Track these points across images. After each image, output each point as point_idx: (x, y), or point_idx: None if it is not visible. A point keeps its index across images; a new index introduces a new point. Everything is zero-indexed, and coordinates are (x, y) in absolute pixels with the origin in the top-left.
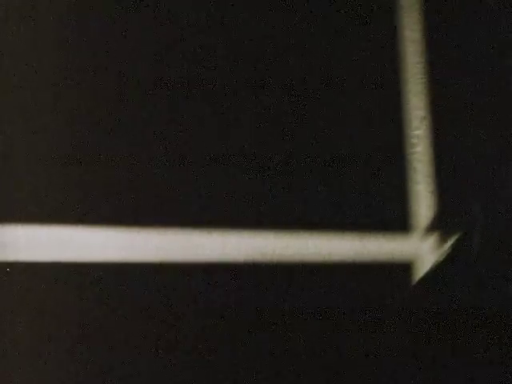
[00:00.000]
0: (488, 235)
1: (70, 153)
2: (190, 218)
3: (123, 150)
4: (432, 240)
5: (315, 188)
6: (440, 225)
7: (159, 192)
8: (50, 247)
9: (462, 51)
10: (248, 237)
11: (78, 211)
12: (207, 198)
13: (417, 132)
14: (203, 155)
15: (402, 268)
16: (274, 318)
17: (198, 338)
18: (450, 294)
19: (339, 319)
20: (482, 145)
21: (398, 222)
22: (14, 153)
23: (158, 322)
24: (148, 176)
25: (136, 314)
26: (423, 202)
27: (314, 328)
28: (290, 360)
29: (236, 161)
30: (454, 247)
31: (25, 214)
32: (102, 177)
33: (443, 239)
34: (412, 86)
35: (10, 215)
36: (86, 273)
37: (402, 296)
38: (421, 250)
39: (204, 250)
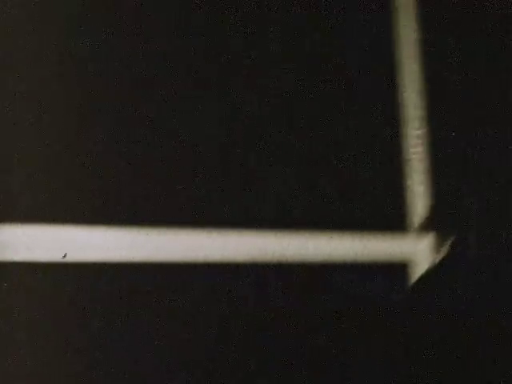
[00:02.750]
0: (485, 235)
1: (70, 153)
2: (190, 218)
3: (123, 150)
4: (430, 239)
5: (315, 188)
6: (437, 224)
7: (159, 192)
8: (50, 247)
9: (460, 50)
10: (248, 237)
11: (78, 211)
12: (207, 198)
13: (416, 132)
14: (203, 155)
15: (402, 268)
16: (274, 317)
17: (198, 337)
18: (448, 293)
19: (339, 319)
20: (481, 144)
21: (397, 221)
22: (14, 153)
23: (158, 321)
24: (148, 176)
25: (136, 314)
26: (421, 202)
27: (314, 328)
28: (290, 360)
29: (236, 161)
30: (451, 247)
31: (25, 214)
32: (102, 177)
33: (441, 238)
34: (411, 86)
35: (10, 215)
36: (85, 273)
37: (402, 296)
38: (421, 250)
39: (204, 250)
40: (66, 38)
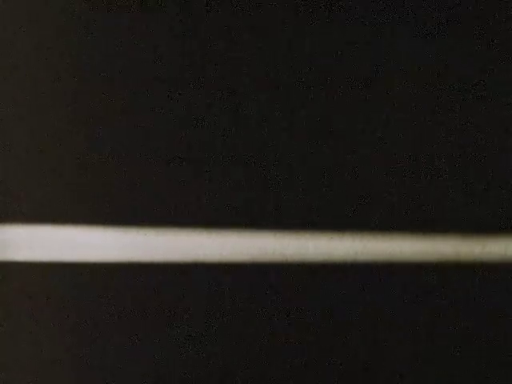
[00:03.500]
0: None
1: (69, 152)
2: (189, 218)
3: (123, 150)
4: (432, 240)
5: (316, 188)
6: (439, 225)
7: (159, 192)
8: (50, 247)
9: None
10: (248, 237)
11: (78, 211)
12: (207, 198)
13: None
14: (203, 155)
15: (404, 268)
16: (274, 318)
17: (198, 338)
18: (453, 295)
19: (339, 320)
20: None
21: (399, 221)
22: (14, 153)
23: (157, 322)
24: (148, 176)
25: (136, 314)
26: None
27: (315, 328)
28: (290, 360)
29: (236, 161)
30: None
31: (25, 214)
32: (101, 176)
33: (444, 239)
34: None
35: (10, 215)
36: (85, 273)
37: (404, 296)
38: (421, 250)
39: (204, 250)
40: (65, 37)
